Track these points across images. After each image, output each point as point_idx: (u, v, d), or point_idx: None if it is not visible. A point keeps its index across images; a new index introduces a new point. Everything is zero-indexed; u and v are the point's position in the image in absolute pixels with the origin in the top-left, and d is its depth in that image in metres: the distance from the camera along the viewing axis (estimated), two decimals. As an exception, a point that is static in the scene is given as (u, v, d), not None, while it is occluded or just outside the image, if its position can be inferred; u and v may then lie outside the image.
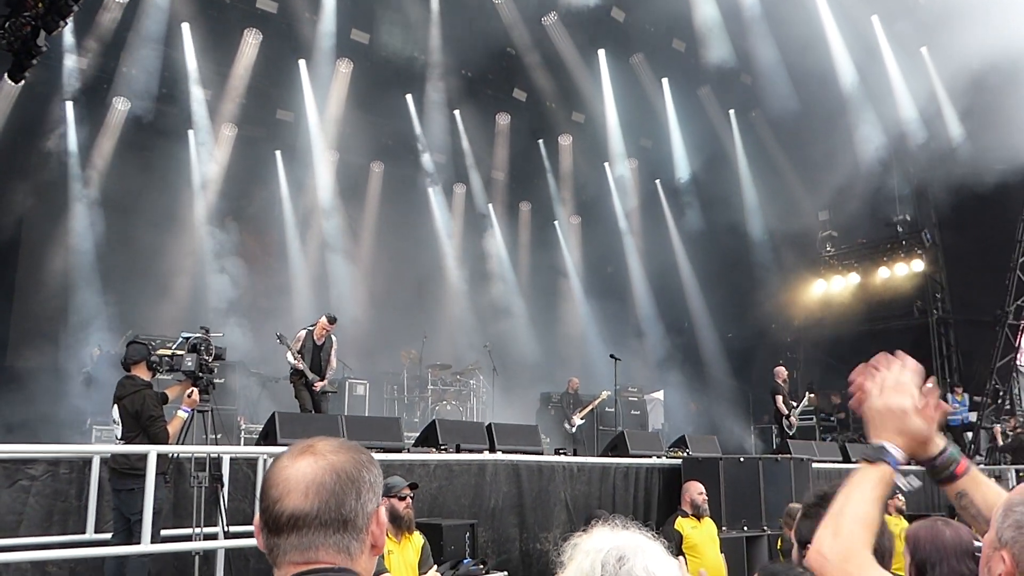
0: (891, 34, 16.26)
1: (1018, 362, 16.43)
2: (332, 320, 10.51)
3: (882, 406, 1.68)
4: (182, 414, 6.29)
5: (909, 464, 1.67)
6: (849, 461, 11.69)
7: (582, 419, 14.83)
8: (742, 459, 9.44)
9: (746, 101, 19.01)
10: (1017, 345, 16.04)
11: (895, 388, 1.68)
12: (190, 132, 16.03)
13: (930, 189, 17.55)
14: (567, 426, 14.74)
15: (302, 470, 1.38)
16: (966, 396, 15.82)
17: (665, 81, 19.00)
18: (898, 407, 1.66)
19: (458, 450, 8.23)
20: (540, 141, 20.64)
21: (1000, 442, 15.09)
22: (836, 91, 16.44)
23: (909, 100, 16.38)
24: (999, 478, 13.01)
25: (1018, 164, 14.43)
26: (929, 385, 1.71)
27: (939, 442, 1.71)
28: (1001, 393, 15.91)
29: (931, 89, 15.94)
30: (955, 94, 15.40)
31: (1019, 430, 14.67)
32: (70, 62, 14.41)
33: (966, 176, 14.87)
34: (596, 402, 15.00)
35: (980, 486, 1.72)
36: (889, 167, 17.69)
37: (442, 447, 8.26)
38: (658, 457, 10.09)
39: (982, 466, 13.61)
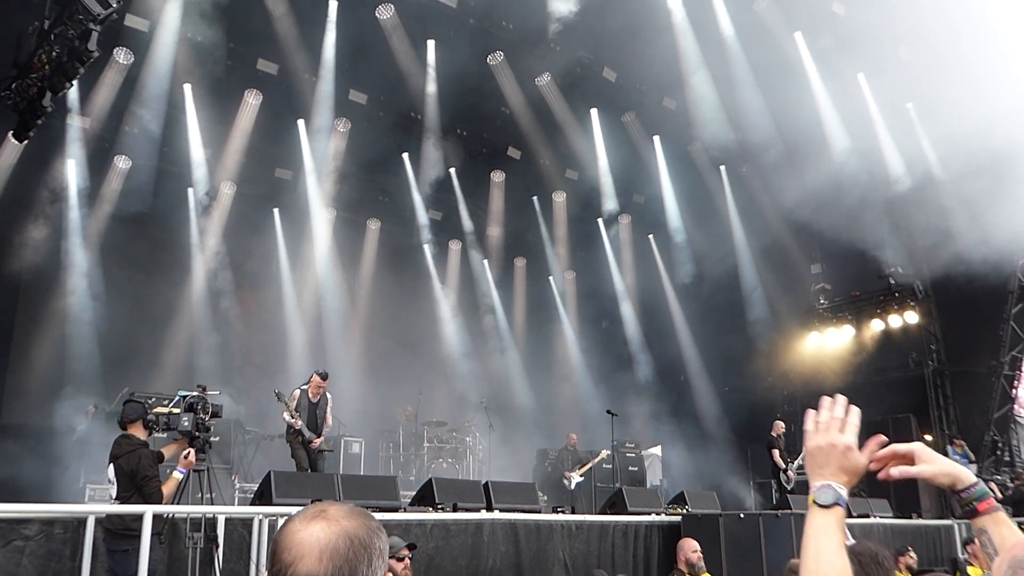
0: (877, 90, 16.62)
1: (1015, 413, 16.41)
2: (324, 376, 10.50)
3: (824, 442, 1.73)
4: (177, 475, 6.25)
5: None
6: (851, 515, 11.58)
7: (581, 476, 14.71)
8: (742, 515, 9.35)
9: (736, 156, 19.31)
10: (1013, 396, 16.04)
11: (834, 425, 1.73)
12: (189, 190, 16.22)
13: (921, 241, 17.74)
14: (566, 483, 14.60)
15: (315, 534, 1.39)
16: (966, 448, 15.75)
17: (656, 138, 19.35)
18: (840, 443, 1.72)
19: (455, 509, 8.15)
20: (534, 198, 20.89)
21: (1000, 496, 14.98)
22: (825, 146, 16.73)
23: (897, 154, 16.68)
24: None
25: (1008, 215, 14.62)
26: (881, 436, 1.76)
27: (971, 477, 1.75)
28: (1000, 444, 15.84)
29: (918, 143, 16.23)
30: (942, 147, 15.66)
31: (1018, 482, 14.57)
32: (73, 121, 14.66)
33: (956, 228, 15.05)
34: (596, 459, 14.88)
35: (1001, 526, 1.74)
36: (879, 220, 17.90)
37: (439, 506, 8.18)
38: (657, 514, 10.00)
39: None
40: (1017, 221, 14.87)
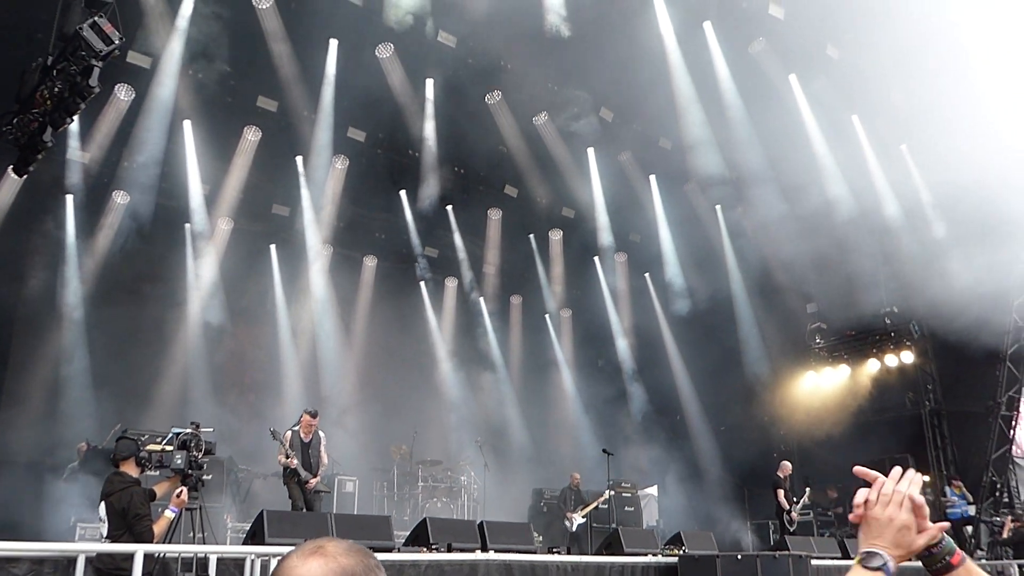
0: (871, 132, 16.80)
1: (1013, 453, 16.33)
2: (314, 414, 10.43)
3: (883, 515, 1.67)
4: (169, 514, 6.15)
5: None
6: (848, 557, 11.47)
7: (583, 517, 14.52)
8: (740, 556, 9.26)
9: (732, 197, 19.43)
10: (1011, 436, 15.97)
11: (896, 499, 1.68)
12: (187, 226, 16.24)
13: (916, 281, 17.78)
14: (567, 524, 14.41)
15: (312, 572, 1.36)
16: (963, 488, 15.63)
17: (652, 178, 19.48)
18: (900, 522, 1.66)
19: (449, 549, 8.06)
20: (531, 236, 20.96)
21: (1005, 535, 14.83)
22: (819, 186, 16.85)
23: (891, 195, 16.80)
24: (1001, 573, 12.75)
25: (1002, 255, 14.69)
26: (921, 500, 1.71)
27: (939, 531, 1.71)
28: (999, 485, 15.73)
29: (913, 184, 16.37)
30: (936, 188, 15.78)
31: (1018, 524, 14.45)
32: (73, 156, 14.72)
33: (951, 268, 15.10)
34: (599, 500, 14.72)
35: None
36: (874, 260, 17.97)
37: (433, 546, 8.09)
38: (654, 555, 9.89)
39: (983, 561, 13.36)
40: (1012, 261, 14.97)
